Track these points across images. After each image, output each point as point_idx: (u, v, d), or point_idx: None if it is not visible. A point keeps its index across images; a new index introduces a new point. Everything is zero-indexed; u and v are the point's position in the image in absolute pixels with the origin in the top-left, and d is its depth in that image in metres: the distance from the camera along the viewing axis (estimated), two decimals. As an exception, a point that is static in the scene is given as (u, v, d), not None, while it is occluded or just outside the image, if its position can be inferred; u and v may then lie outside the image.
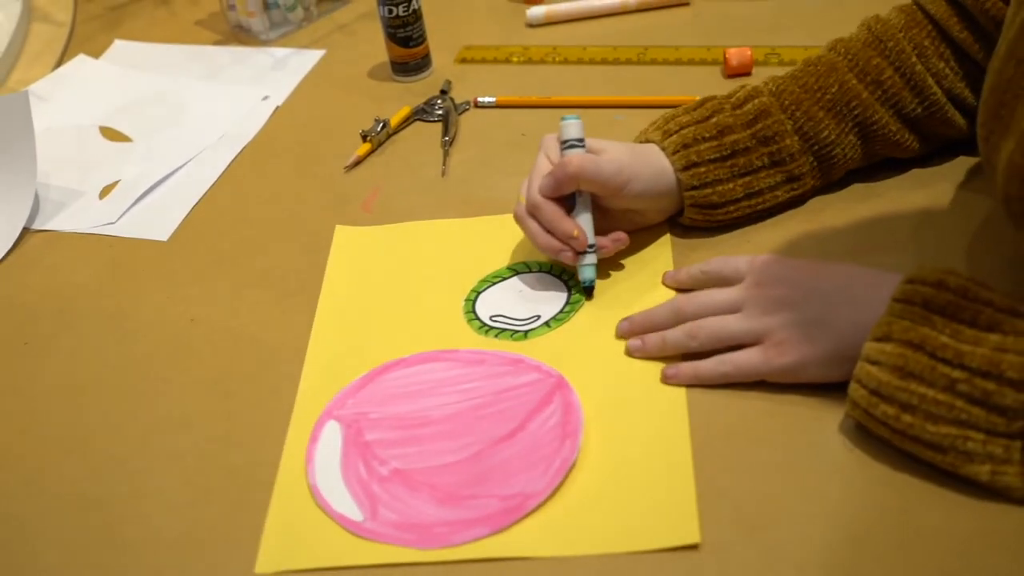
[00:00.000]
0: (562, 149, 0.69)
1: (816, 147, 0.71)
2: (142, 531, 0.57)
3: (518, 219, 0.69)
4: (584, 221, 0.67)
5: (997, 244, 0.67)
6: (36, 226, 0.84)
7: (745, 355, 0.59)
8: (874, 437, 0.55)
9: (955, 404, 0.51)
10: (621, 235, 0.68)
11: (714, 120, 0.70)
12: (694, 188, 0.69)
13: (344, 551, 0.54)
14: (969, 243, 0.68)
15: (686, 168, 0.68)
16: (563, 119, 0.69)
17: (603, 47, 0.98)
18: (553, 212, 0.67)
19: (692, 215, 0.71)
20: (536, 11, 1.03)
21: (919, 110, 0.71)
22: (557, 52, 0.98)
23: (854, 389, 0.55)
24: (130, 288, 0.76)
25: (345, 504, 0.57)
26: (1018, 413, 0.50)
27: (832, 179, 0.73)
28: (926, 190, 0.73)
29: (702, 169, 0.69)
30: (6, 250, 0.81)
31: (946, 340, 0.52)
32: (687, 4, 1.03)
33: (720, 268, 0.65)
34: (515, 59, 0.98)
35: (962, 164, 0.74)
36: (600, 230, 0.68)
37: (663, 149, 0.69)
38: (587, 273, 0.67)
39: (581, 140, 0.68)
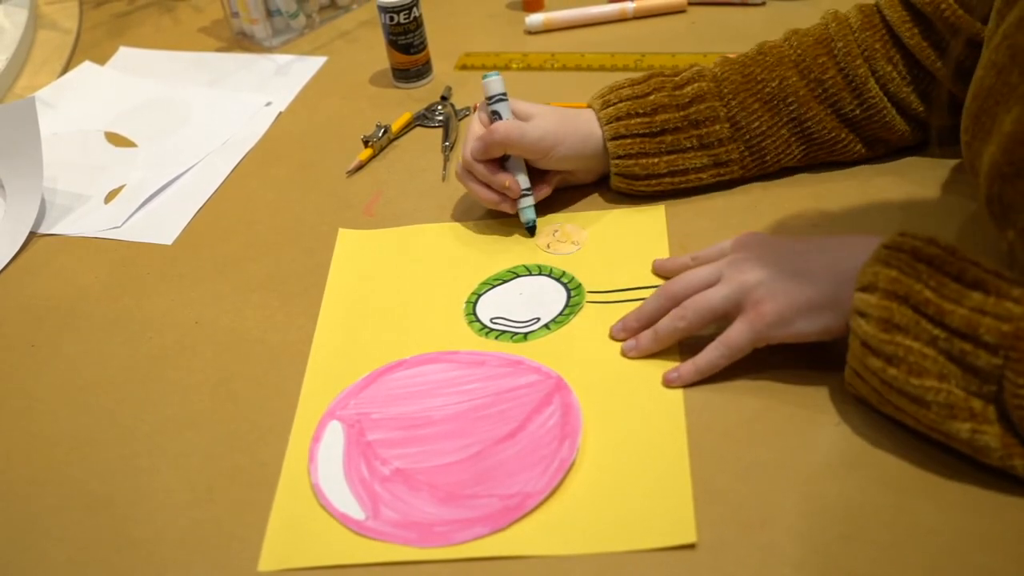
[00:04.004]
0: (488, 105, 0.74)
1: (747, 136, 0.73)
2: (148, 529, 0.58)
3: (459, 177, 0.76)
4: (517, 172, 0.74)
5: (981, 242, 0.67)
6: (43, 230, 0.85)
7: (733, 330, 0.60)
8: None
9: (938, 359, 0.52)
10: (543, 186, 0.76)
11: (652, 98, 0.73)
12: (619, 158, 0.74)
13: (346, 549, 0.55)
14: (954, 241, 0.68)
15: (614, 139, 0.73)
16: (484, 76, 0.74)
17: (601, 54, 0.98)
18: (483, 171, 0.73)
19: (617, 183, 0.76)
20: (535, 18, 1.04)
21: (858, 111, 0.73)
22: (556, 59, 0.99)
23: (852, 339, 0.55)
24: (135, 291, 0.77)
25: (347, 503, 0.57)
26: (990, 376, 0.50)
27: (766, 171, 0.75)
28: (912, 186, 0.74)
29: (628, 141, 0.73)
30: (13, 253, 0.82)
31: (929, 295, 0.52)
32: (684, 11, 1.04)
33: (707, 252, 0.66)
34: (514, 65, 0.99)
35: (947, 163, 0.75)
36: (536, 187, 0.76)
37: (598, 118, 0.74)
38: (528, 214, 0.75)
39: (504, 95, 0.74)
